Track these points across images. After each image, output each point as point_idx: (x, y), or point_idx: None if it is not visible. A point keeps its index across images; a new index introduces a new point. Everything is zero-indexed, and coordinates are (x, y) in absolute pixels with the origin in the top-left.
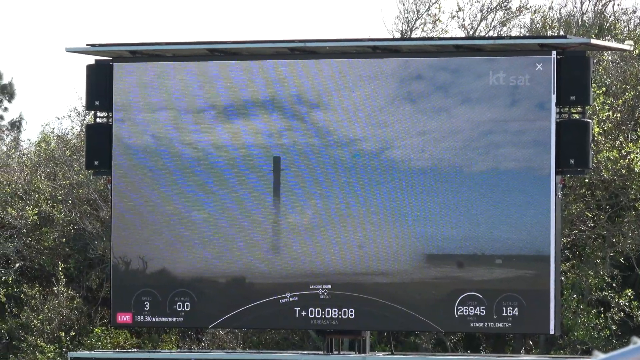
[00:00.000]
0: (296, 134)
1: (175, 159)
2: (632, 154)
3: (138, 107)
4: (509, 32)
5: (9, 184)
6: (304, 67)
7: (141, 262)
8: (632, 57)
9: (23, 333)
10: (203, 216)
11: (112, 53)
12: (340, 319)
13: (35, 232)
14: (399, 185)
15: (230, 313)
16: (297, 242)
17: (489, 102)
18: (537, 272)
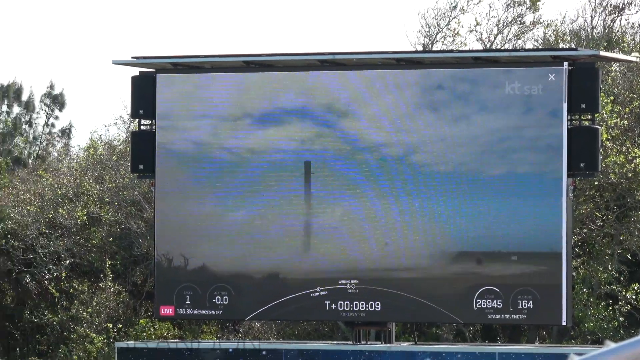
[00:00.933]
0: (326, 140)
1: (214, 164)
2: (638, 158)
3: (179, 115)
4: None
5: (60, 187)
6: (333, 78)
7: (183, 259)
8: (638, 68)
9: (73, 325)
10: (240, 216)
11: (155, 65)
12: (367, 311)
13: (84, 232)
14: (421, 187)
15: (265, 306)
16: (327, 241)
17: (505, 110)
18: (550, 268)
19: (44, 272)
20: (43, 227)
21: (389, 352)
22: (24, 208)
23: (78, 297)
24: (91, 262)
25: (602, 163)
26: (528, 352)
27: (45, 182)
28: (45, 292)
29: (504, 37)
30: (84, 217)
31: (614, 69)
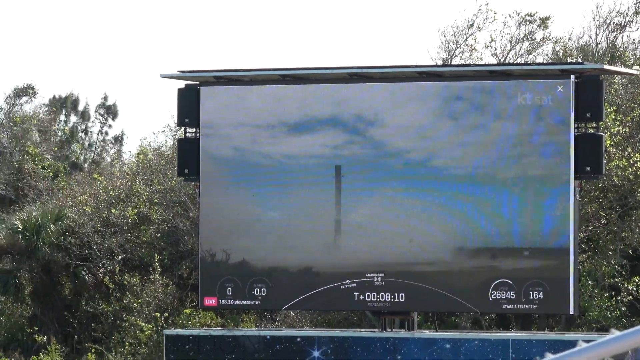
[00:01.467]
0: (355, 146)
1: (252, 168)
2: (638, 162)
3: (221, 123)
4: (534, 59)
5: (113, 189)
6: (361, 90)
7: (224, 254)
8: (639, 80)
9: (125, 314)
10: (276, 216)
11: (200, 78)
12: (392, 301)
13: (135, 229)
14: (442, 189)
15: (299, 297)
16: (355, 237)
17: (517, 119)
18: (558, 262)
19: (98, 266)
20: (98, 225)
21: (412, 339)
22: (81, 208)
23: (130, 289)
24: (141, 257)
25: (606, 167)
26: (539, 339)
27: (100, 185)
28: (100, 285)
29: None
30: (134, 216)
31: (617, 81)
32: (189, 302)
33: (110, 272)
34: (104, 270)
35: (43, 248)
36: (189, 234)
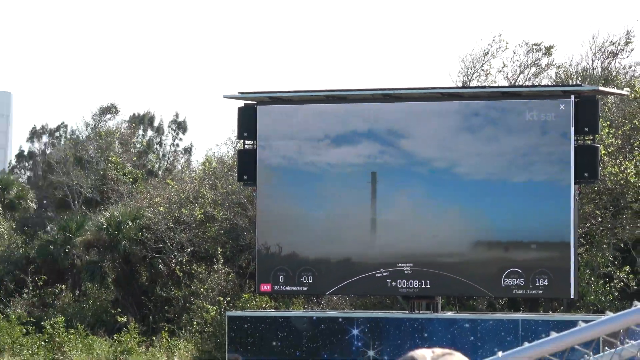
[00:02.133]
0: (387, 156)
1: (301, 174)
2: (628, 169)
3: (274, 137)
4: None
5: (183, 192)
6: (393, 108)
7: (277, 247)
8: (629, 99)
9: (193, 298)
10: (320, 215)
11: (256, 98)
12: (419, 287)
13: (202, 226)
14: (461, 192)
15: (341, 284)
16: (388, 233)
17: (526, 133)
18: (561, 254)
19: (170, 257)
20: (170, 223)
21: (436, 319)
22: (156, 208)
23: (197, 277)
24: (207, 250)
25: (601, 173)
26: (544, 320)
27: (172, 189)
28: (172, 273)
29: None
30: (201, 215)
31: (610, 100)
32: (247, 288)
33: (180, 262)
34: (175, 261)
35: (123, 242)
36: (247, 230)
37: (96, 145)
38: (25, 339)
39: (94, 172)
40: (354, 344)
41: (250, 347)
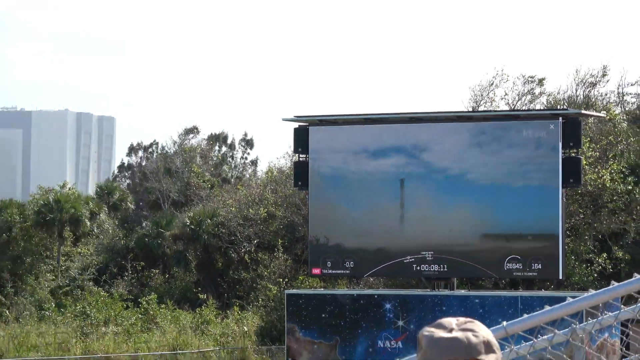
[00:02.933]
0: (412, 166)
1: (344, 180)
2: (604, 176)
3: (322, 151)
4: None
5: (250, 195)
6: (417, 127)
7: (326, 239)
8: (605, 120)
9: (259, 280)
10: (360, 212)
11: (308, 120)
12: (438, 271)
13: (265, 223)
14: (471, 194)
15: (376, 268)
16: (413, 227)
17: (523, 147)
18: (551, 244)
19: (240, 247)
20: (240, 220)
21: (452, 295)
22: (228, 209)
23: (261, 263)
24: (269, 241)
25: (583, 179)
26: (539, 296)
27: (241, 193)
28: (241, 260)
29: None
30: (264, 213)
31: (590, 121)
32: (301, 272)
33: (248, 251)
34: (244, 250)
35: (203, 235)
36: (301, 225)
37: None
38: (125, 312)
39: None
40: (387, 316)
41: (304, 318)
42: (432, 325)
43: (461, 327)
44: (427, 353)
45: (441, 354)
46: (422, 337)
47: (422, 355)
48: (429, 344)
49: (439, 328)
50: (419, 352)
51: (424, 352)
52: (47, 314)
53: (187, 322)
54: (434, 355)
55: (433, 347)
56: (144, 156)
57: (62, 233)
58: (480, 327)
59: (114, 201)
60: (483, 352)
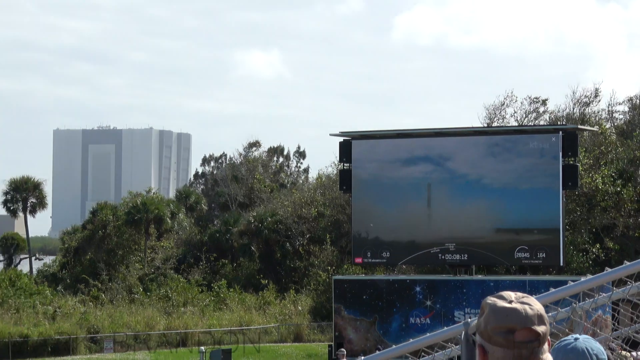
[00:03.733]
0: (438, 173)
1: (381, 184)
2: (597, 180)
3: (362, 160)
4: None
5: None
6: (441, 140)
7: (366, 233)
8: (597, 134)
9: (310, 268)
10: (395, 211)
11: (351, 135)
12: (460, 259)
13: (315, 220)
14: (487, 196)
15: (408, 257)
16: (439, 223)
17: (530, 156)
18: (553, 236)
19: (295, 241)
20: (295, 218)
21: (472, 280)
22: (285, 209)
23: (313, 253)
24: (319, 236)
25: (579, 182)
26: (543, 280)
27: (295, 196)
28: (296, 251)
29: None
30: (315, 213)
31: (585, 134)
32: (346, 261)
33: (302, 244)
34: (298, 243)
35: (265, 231)
36: (346, 222)
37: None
38: (200, 295)
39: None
40: (417, 297)
41: (349, 299)
42: (495, 296)
43: (519, 300)
44: (489, 318)
45: (501, 320)
46: (486, 305)
47: (485, 320)
48: (492, 312)
49: (500, 299)
50: (480, 316)
51: (487, 317)
52: (136, 297)
53: (251, 303)
54: (495, 322)
55: (495, 315)
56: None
57: (148, 230)
58: (534, 301)
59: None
60: (536, 322)
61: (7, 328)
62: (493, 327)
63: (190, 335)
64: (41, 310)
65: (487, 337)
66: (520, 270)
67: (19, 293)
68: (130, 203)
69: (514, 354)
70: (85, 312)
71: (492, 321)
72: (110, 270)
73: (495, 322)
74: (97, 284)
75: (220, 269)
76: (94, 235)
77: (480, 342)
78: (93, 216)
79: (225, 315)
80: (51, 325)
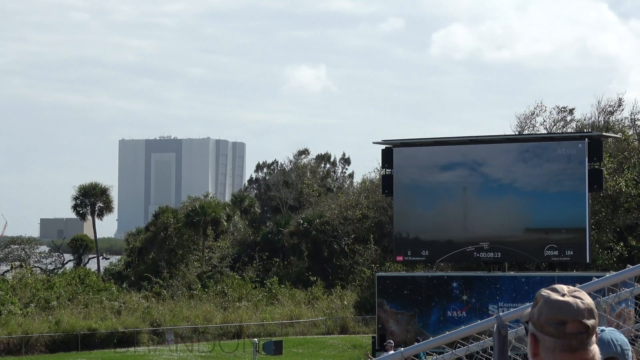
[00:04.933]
0: (473, 177)
1: (420, 188)
2: (621, 183)
3: (403, 166)
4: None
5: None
6: (476, 147)
7: (407, 233)
8: (621, 140)
9: (356, 265)
10: (433, 213)
11: (392, 143)
12: (493, 257)
13: (360, 222)
14: (519, 198)
15: (445, 255)
16: (474, 223)
17: (558, 161)
18: (580, 235)
19: (341, 240)
20: (340, 219)
21: (504, 276)
22: (332, 211)
23: (358, 252)
24: (363, 236)
25: (604, 185)
26: (571, 276)
27: (341, 199)
28: (342, 250)
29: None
30: (359, 215)
31: (610, 140)
32: (388, 259)
33: (347, 244)
34: (344, 242)
35: (313, 232)
36: (388, 223)
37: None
38: (254, 291)
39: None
40: (454, 292)
41: (391, 294)
42: (549, 288)
43: (572, 294)
44: (543, 309)
45: (554, 312)
46: (540, 296)
47: (538, 311)
48: (545, 303)
49: (554, 292)
50: (534, 307)
51: (540, 308)
52: (194, 292)
53: (300, 298)
54: (548, 313)
55: (548, 306)
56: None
57: (205, 231)
58: (585, 295)
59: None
60: (586, 316)
61: (76, 322)
62: (546, 318)
63: (245, 328)
64: (108, 306)
65: (539, 326)
66: (549, 267)
67: (88, 290)
68: (189, 206)
69: (564, 344)
70: (148, 307)
71: (546, 312)
72: (171, 269)
73: (548, 313)
74: (159, 281)
75: (272, 266)
76: (156, 237)
77: (532, 331)
78: (155, 219)
79: (276, 310)
80: (117, 319)
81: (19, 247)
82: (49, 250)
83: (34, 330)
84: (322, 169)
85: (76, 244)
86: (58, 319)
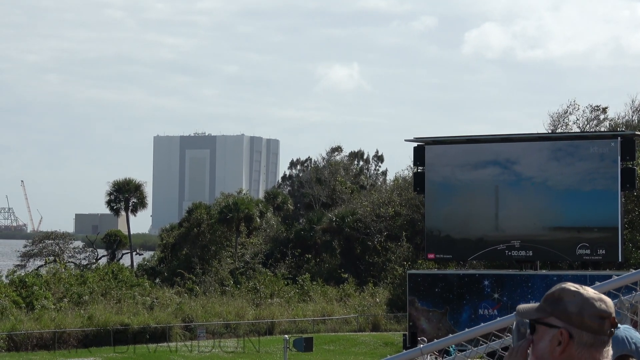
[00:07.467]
0: (505, 175)
1: (452, 186)
2: None
3: (435, 164)
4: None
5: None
6: (509, 146)
7: (438, 231)
8: None
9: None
10: (464, 211)
11: (424, 141)
12: (525, 255)
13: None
14: (552, 197)
15: (477, 253)
16: (506, 222)
17: (591, 160)
18: (613, 234)
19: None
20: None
21: (536, 275)
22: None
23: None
24: (396, 233)
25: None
26: (603, 274)
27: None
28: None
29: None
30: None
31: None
32: (420, 256)
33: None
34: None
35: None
36: (420, 221)
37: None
38: (286, 288)
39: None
40: (485, 290)
41: (422, 292)
42: (568, 284)
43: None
44: (584, 305)
45: (597, 308)
46: (570, 292)
47: (578, 306)
48: (586, 299)
49: (581, 288)
50: (568, 303)
51: (580, 304)
52: (227, 289)
53: (332, 295)
54: (592, 309)
55: (589, 302)
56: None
57: (238, 227)
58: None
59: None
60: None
61: (109, 317)
62: (591, 314)
63: (277, 324)
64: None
65: (578, 322)
66: (581, 266)
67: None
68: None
69: (602, 340)
70: (180, 303)
71: (589, 308)
72: (204, 265)
73: (592, 309)
74: (192, 277)
75: (304, 263)
76: (190, 233)
77: (564, 327)
78: (189, 215)
79: (308, 306)
80: (150, 314)
81: (53, 242)
82: (83, 246)
83: (66, 325)
84: (355, 166)
85: (110, 240)
86: (91, 314)
